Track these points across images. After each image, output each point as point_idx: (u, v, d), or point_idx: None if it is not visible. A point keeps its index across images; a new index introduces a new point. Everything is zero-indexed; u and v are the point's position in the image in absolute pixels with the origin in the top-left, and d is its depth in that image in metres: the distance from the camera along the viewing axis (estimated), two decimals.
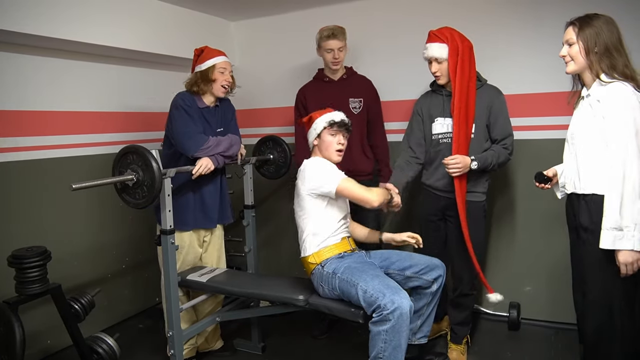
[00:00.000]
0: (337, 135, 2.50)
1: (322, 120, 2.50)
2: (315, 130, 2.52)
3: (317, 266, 2.41)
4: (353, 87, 3.19)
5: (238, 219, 3.13)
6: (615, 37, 1.94)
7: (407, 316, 2.06)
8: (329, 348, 3.03)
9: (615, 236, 1.86)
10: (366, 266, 2.34)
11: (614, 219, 1.86)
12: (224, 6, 3.71)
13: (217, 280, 2.70)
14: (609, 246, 1.88)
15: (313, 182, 2.40)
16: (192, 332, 2.70)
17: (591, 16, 1.98)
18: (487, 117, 2.69)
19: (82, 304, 2.57)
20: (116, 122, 3.49)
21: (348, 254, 2.46)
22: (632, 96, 1.88)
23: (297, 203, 2.50)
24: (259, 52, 4.09)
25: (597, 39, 1.94)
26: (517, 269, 3.33)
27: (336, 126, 2.49)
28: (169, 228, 2.44)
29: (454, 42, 2.58)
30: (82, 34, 2.88)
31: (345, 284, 2.28)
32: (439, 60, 2.62)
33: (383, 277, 2.24)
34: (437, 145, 2.78)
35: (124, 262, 3.55)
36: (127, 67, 3.56)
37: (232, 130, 2.88)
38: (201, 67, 2.70)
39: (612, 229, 1.87)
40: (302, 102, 3.23)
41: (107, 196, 2.95)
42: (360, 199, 2.35)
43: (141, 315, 3.67)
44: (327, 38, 3.05)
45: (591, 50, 1.96)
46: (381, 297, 2.10)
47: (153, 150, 2.29)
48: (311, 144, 2.57)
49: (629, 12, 2.81)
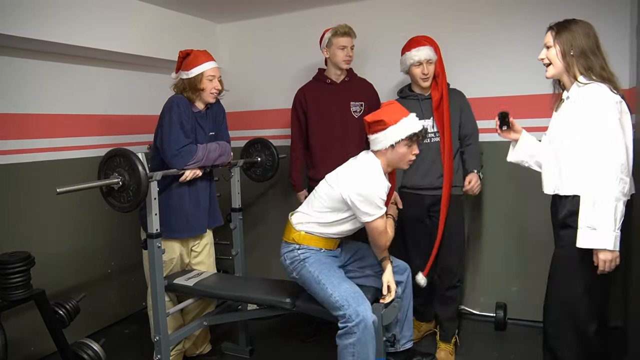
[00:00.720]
0: (413, 145, 2.28)
1: (400, 131, 2.22)
2: (388, 140, 2.23)
3: (295, 244, 2.38)
4: (355, 90, 3.16)
5: (225, 222, 3.12)
6: (591, 41, 1.99)
7: (371, 328, 2.10)
8: (317, 351, 3.03)
9: (592, 235, 1.87)
10: (335, 265, 2.36)
11: (591, 217, 1.88)
12: (210, 8, 3.70)
13: (204, 283, 2.68)
14: (586, 245, 1.89)
15: (355, 200, 2.20)
16: (178, 336, 2.68)
17: (569, 21, 2.03)
18: (459, 117, 2.89)
19: (67, 309, 2.54)
20: (102, 124, 3.45)
21: (328, 250, 2.43)
22: (609, 96, 1.91)
23: (329, 187, 2.33)
24: (245, 55, 4.08)
25: (573, 42, 1.99)
26: (504, 270, 3.36)
27: (415, 137, 2.25)
28: (156, 232, 2.42)
29: (437, 45, 2.85)
30: (65, 35, 2.85)
31: (310, 277, 2.29)
32: (430, 61, 2.80)
33: (349, 283, 2.26)
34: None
35: (109, 266, 3.52)
36: (112, 69, 3.53)
37: (223, 133, 2.86)
38: (188, 75, 2.62)
39: (589, 228, 1.88)
40: (301, 102, 3.18)
41: (93, 200, 2.92)
42: (377, 244, 2.32)
43: (127, 320, 3.63)
44: (343, 35, 3.02)
45: (567, 52, 2.00)
46: (346, 305, 2.12)
47: (139, 153, 2.26)
48: (377, 150, 2.29)
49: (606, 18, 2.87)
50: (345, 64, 3.08)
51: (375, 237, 2.30)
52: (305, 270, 2.31)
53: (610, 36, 2.89)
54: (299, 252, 2.36)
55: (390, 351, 2.56)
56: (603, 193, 1.86)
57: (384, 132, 2.23)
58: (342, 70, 3.15)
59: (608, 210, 1.85)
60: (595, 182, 1.88)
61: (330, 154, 2.99)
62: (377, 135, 2.26)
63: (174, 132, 2.52)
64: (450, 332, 2.96)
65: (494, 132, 3.21)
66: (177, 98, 2.62)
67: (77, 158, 3.26)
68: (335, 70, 3.14)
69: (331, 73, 3.16)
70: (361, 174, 2.25)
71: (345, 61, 3.07)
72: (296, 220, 2.42)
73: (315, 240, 2.39)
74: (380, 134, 2.24)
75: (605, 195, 1.85)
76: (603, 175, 1.87)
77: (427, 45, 2.80)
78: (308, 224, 2.38)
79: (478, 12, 3.27)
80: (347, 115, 3.11)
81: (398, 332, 2.55)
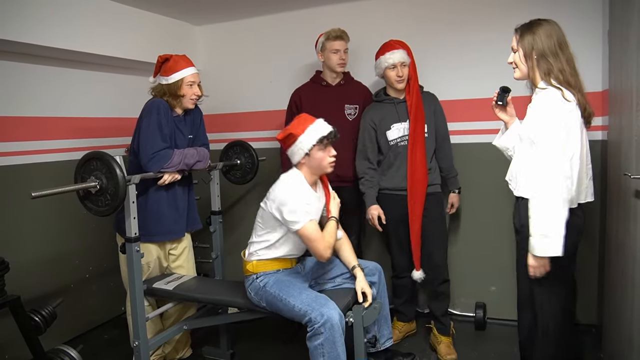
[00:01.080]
0: (328, 147, 2.36)
1: (308, 138, 2.31)
2: (302, 149, 2.32)
3: (253, 275, 2.43)
4: (350, 93, 3.20)
5: (205, 225, 3.10)
6: (552, 42, 1.97)
7: (338, 326, 2.12)
8: (298, 353, 3.01)
9: (543, 243, 1.87)
10: (295, 280, 2.38)
11: (540, 226, 1.87)
12: (188, 10, 3.67)
13: (183, 287, 2.66)
14: (539, 253, 1.88)
15: (280, 213, 2.30)
16: (158, 341, 2.65)
17: (533, 22, 2.02)
18: (434, 119, 2.98)
19: (43, 315, 2.50)
20: (78, 127, 3.40)
21: (286, 269, 2.46)
22: (558, 103, 1.89)
23: (265, 210, 2.42)
24: (224, 57, 4.06)
25: (534, 44, 1.98)
26: (482, 269, 3.40)
27: (326, 140, 2.33)
28: (134, 235, 2.40)
29: (409, 49, 2.94)
30: (39, 37, 2.79)
31: (272, 298, 2.32)
32: (404, 64, 2.88)
33: (310, 291, 2.30)
34: (395, 148, 2.95)
35: (87, 271, 3.46)
36: (89, 71, 3.48)
37: (201, 137, 2.85)
38: (168, 80, 2.61)
39: (540, 235, 1.87)
40: (296, 103, 3.21)
41: (69, 204, 2.87)
42: (313, 248, 2.30)
43: (106, 326, 3.58)
44: (335, 39, 3.08)
45: (529, 56, 2.01)
46: (310, 310, 2.15)
47: (117, 156, 2.24)
48: (297, 162, 2.38)
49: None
50: (340, 67, 3.13)
51: (309, 244, 2.31)
52: (268, 294, 2.35)
53: (583, 40, 2.99)
54: (258, 281, 2.41)
55: (371, 351, 2.58)
56: (547, 203, 1.85)
57: (296, 143, 2.33)
58: (338, 74, 3.19)
59: (556, 218, 1.85)
60: (541, 191, 1.87)
61: None
62: (292, 148, 2.36)
63: (152, 135, 2.51)
64: (448, 325, 3.04)
65: (469, 134, 3.30)
66: (157, 102, 2.60)
67: (53, 161, 3.20)
68: (331, 73, 3.19)
69: (327, 76, 3.22)
70: (282, 186, 2.35)
71: (339, 64, 3.12)
72: (247, 253, 2.49)
73: (270, 264, 2.43)
74: (293, 146, 2.35)
75: (548, 205, 1.85)
76: (550, 184, 1.85)
77: (400, 49, 2.88)
78: (257, 251, 2.44)
79: (460, 12, 3.30)
80: (342, 117, 3.14)
81: (377, 331, 2.58)
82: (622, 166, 2.32)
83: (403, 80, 2.89)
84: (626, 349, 2.25)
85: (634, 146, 2.12)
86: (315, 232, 2.29)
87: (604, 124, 2.95)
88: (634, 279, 2.12)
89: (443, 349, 2.94)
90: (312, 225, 2.28)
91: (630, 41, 2.20)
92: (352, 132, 3.14)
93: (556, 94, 1.91)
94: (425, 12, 3.37)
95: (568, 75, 1.95)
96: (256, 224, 2.48)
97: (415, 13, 3.40)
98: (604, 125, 2.93)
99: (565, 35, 2.00)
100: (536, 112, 1.95)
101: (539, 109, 1.94)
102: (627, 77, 2.26)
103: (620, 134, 2.44)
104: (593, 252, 3.09)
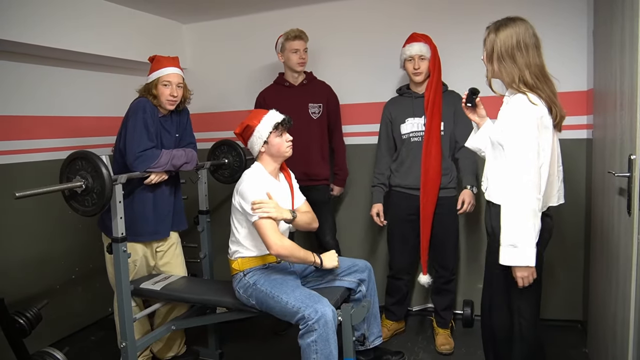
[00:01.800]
0: (284, 133, 2.47)
1: (265, 125, 2.44)
2: (260, 138, 2.43)
3: (240, 273, 2.44)
4: (313, 93, 3.23)
5: (193, 225, 3.08)
6: (511, 43, 1.89)
7: (332, 323, 2.12)
8: (287, 353, 3.02)
9: (512, 253, 1.86)
10: (287, 277, 2.39)
11: (510, 235, 1.86)
12: (175, 9, 3.65)
13: (171, 287, 2.65)
14: (507, 263, 1.88)
15: (241, 205, 2.37)
16: (146, 342, 2.63)
17: (500, 22, 1.96)
18: (452, 118, 2.92)
19: (28, 317, 2.45)
20: (63, 126, 3.36)
21: (273, 264, 2.47)
22: (528, 110, 1.85)
23: (234, 206, 2.45)
24: (212, 55, 4.04)
25: (494, 45, 1.93)
26: (470, 268, 3.42)
27: (281, 126, 2.45)
28: (121, 235, 2.38)
29: (433, 44, 2.90)
30: (25, 35, 2.76)
31: (263, 296, 2.32)
32: (423, 57, 2.86)
33: (303, 288, 2.30)
34: (408, 144, 2.94)
35: (73, 272, 3.42)
36: (75, 69, 3.43)
37: (188, 136, 2.83)
38: (148, 79, 2.61)
39: (509, 245, 1.86)
40: (262, 105, 3.22)
41: (55, 204, 2.84)
42: (268, 243, 2.29)
43: (93, 327, 3.54)
44: (294, 39, 3.12)
45: (489, 57, 1.97)
46: (304, 307, 2.15)
47: (103, 156, 2.22)
48: (257, 152, 2.49)
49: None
50: (299, 66, 3.16)
51: (262, 238, 2.32)
52: (259, 292, 2.34)
53: (568, 39, 3.01)
54: (247, 279, 2.41)
55: (359, 349, 2.59)
56: (517, 211, 1.84)
57: (254, 133, 2.44)
58: (300, 73, 3.23)
59: (527, 227, 1.83)
60: (511, 199, 1.86)
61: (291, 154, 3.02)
62: (251, 139, 2.47)
63: (138, 135, 2.49)
64: (448, 318, 3.08)
65: None
66: (143, 101, 2.58)
67: (38, 161, 3.16)
68: (292, 73, 3.23)
69: (289, 76, 3.26)
70: (244, 178, 2.42)
71: (299, 64, 3.15)
72: (230, 253, 2.51)
73: (254, 260, 2.45)
74: (252, 137, 2.46)
75: (519, 214, 1.84)
76: (520, 193, 1.84)
77: (420, 42, 2.87)
78: (238, 249, 2.47)
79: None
80: (306, 116, 3.20)
81: (366, 329, 2.58)
82: (607, 164, 2.36)
83: (420, 74, 2.87)
84: (610, 344, 2.28)
85: (618, 145, 2.15)
86: (270, 226, 2.30)
87: (588, 122, 2.98)
88: (618, 276, 2.15)
89: (439, 339, 3.01)
90: (268, 221, 2.30)
91: (614, 41, 2.23)
92: (318, 131, 3.20)
93: (523, 99, 1.87)
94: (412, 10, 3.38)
95: (528, 77, 1.89)
96: (231, 221, 2.50)
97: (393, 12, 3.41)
98: (589, 124, 2.96)
99: (535, 36, 1.92)
100: (506, 119, 1.91)
101: (509, 115, 1.90)
102: (612, 77, 2.29)
103: (604, 132, 2.47)
104: (578, 249, 3.13)
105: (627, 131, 2.03)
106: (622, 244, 2.09)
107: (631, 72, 1.95)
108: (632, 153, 1.93)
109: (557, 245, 3.17)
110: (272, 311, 2.30)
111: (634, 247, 1.94)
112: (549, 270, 3.20)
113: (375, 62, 3.47)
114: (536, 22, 1.99)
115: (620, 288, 2.12)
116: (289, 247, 2.30)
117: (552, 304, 3.23)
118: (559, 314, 3.24)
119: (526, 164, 1.83)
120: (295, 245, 2.36)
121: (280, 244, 2.27)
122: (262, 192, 2.35)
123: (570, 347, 2.94)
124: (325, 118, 3.25)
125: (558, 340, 3.03)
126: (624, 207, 2.03)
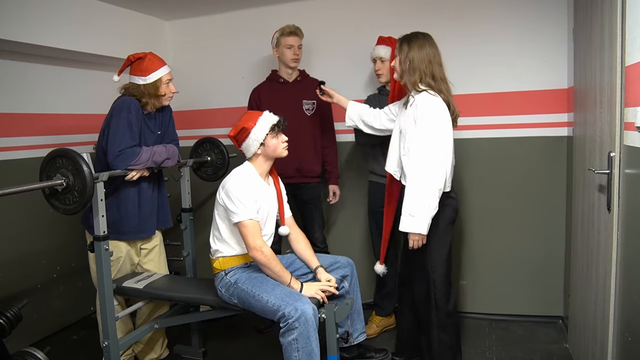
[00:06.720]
0: (280, 134, 2.46)
1: (261, 127, 2.41)
2: (257, 140, 2.41)
3: (221, 272, 2.44)
4: (307, 90, 3.22)
5: (176, 223, 3.06)
6: (424, 54, 2.35)
7: (312, 321, 2.13)
8: (269, 351, 3.01)
9: (409, 221, 2.26)
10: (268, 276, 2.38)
11: (410, 206, 2.26)
12: (158, 5, 3.61)
13: (154, 286, 2.63)
14: (405, 229, 2.29)
15: (225, 201, 2.37)
16: (128, 341, 2.61)
17: (411, 35, 2.42)
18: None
19: (8, 317, 2.41)
20: (44, 124, 3.31)
21: (254, 263, 2.45)
22: (435, 102, 2.30)
23: (217, 202, 2.45)
24: (194, 53, 4.00)
25: (409, 54, 2.38)
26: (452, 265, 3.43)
27: (277, 128, 2.44)
28: (103, 234, 2.35)
29: (394, 46, 2.78)
30: (3, 31, 2.70)
31: (244, 294, 2.32)
32: (383, 59, 2.98)
33: (283, 287, 2.30)
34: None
35: (54, 270, 3.38)
36: (55, 66, 3.38)
37: (170, 133, 2.81)
38: (146, 80, 2.57)
39: (408, 215, 2.27)
40: (256, 102, 3.23)
41: (35, 202, 2.80)
42: (247, 244, 2.31)
43: (75, 326, 3.51)
44: (289, 35, 3.12)
45: (403, 62, 2.40)
46: (284, 305, 2.15)
47: (84, 154, 2.19)
48: (252, 153, 2.46)
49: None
50: (293, 62, 3.17)
51: (244, 237, 2.32)
52: (240, 290, 2.34)
53: (548, 38, 3.04)
54: (228, 278, 2.41)
55: (343, 346, 2.59)
56: (422, 187, 2.24)
57: (250, 136, 2.42)
58: (293, 70, 3.22)
59: (423, 201, 2.22)
60: (419, 177, 2.26)
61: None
62: (246, 141, 2.44)
63: (121, 134, 2.47)
64: None
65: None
66: (128, 100, 2.55)
67: (18, 159, 3.11)
68: (286, 70, 3.22)
69: (283, 72, 3.25)
70: (232, 176, 2.42)
71: (293, 59, 3.16)
72: (212, 252, 2.51)
73: (236, 259, 2.45)
74: (247, 139, 2.43)
75: (423, 189, 2.23)
76: (425, 173, 2.24)
77: (382, 45, 2.99)
78: (219, 248, 2.47)
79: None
80: (300, 113, 3.20)
81: (349, 325, 2.59)
82: (587, 161, 2.39)
83: (382, 75, 3.02)
84: (590, 340, 2.32)
85: (598, 142, 2.18)
86: (253, 229, 2.31)
87: (569, 120, 3.02)
88: (598, 272, 2.18)
89: None
90: (251, 224, 2.31)
91: (594, 40, 2.26)
92: (311, 127, 3.21)
93: (429, 95, 2.31)
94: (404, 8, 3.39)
95: (431, 80, 2.34)
96: (214, 219, 2.50)
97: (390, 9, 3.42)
98: (570, 121, 3.00)
99: (436, 48, 2.38)
100: (417, 111, 2.31)
101: (420, 108, 2.30)
102: (592, 75, 2.32)
103: (584, 130, 2.50)
104: (559, 246, 3.17)
105: (606, 128, 2.06)
106: (602, 240, 2.12)
107: (610, 70, 1.99)
108: (611, 150, 1.96)
109: (537, 242, 3.22)
110: (254, 309, 2.30)
111: (613, 243, 1.97)
112: (530, 266, 3.24)
113: (363, 60, 3.43)
114: (517, 20, 2.03)
115: (600, 284, 2.15)
116: (268, 255, 2.30)
117: (533, 299, 3.27)
118: (540, 309, 3.28)
119: (435, 146, 2.25)
120: (276, 258, 2.34)
121: (260, 250, 2.29)
122: (248, 192, 2.34)
123: (551, 342, 2.98)
124: (318, 115, 3.26)
125: (539, 335, 3.08)
126: (603, 203, 2.06)
